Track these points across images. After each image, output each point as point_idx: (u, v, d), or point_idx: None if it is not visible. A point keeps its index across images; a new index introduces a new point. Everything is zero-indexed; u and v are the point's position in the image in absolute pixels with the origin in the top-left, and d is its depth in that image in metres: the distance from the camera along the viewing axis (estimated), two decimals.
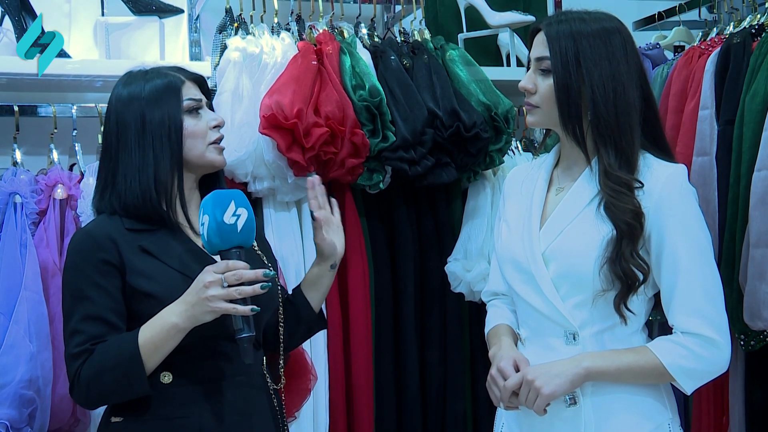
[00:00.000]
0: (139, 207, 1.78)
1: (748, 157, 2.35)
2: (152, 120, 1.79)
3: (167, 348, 1.69)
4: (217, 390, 1.76)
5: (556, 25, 1.76)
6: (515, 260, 1.81)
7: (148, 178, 1.77)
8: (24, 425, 2.25)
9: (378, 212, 2.68)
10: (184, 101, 1.82)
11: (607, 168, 1.72)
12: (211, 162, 1.86)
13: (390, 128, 2.53)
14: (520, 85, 1.81)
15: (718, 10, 2.90)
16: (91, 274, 1.72)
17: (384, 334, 2.63)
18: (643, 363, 1.70)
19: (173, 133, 1.79)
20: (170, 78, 1.84)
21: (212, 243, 1.67)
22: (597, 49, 1.73)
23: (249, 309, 1.65)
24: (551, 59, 1.75)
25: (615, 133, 1.72)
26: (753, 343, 2.41)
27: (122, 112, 1.81)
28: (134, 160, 1.79)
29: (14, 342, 2.26)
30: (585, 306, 1.74)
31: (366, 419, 2.57)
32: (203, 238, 1.69)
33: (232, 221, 1.65)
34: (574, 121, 1.75)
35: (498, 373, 1.75)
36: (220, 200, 1.67)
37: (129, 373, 1.68)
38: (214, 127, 1.87)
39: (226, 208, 1.65)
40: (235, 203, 1.67)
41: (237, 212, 1.66)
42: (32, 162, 2.56)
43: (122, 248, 1.74)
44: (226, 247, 1.67)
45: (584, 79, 1.72)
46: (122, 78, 1.88)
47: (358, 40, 2.70)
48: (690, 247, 1.70)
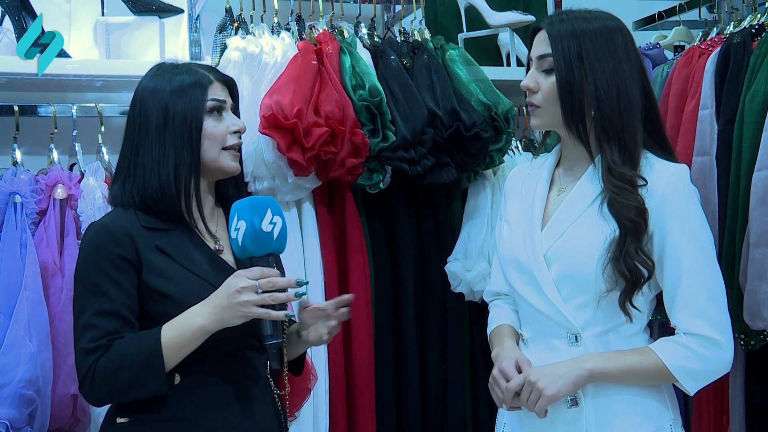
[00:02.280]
0: (158, 201, 1.76)
1: (748, 156, 2.35)
2: (174, 114, 1.77)
3: (189, 349, 1.68)
4: (223, 393, 1.76)
5: (558, 24, 1.76)
6: (517, 261, 1.81)
7: (168, 172, 1.76)
8: (24, 425, 2.25)
9: (378, 212, 2.68)
10: (208, 101, 1.80)
11: (611, 165, 1.72)
12: (223, 167, 1.83)
13: (390, 128, 2.53)
14: (522, 84, 1.81)
15: (718, 9, 2.90)
16: (106, 269, 1.71)
17: (384, 334, 2.63)
18: (646, 364, 1.70)
19: (194, 130, 1.78)
20: (198, 76, 1.82)
21: (246, 249, 1.69)
22: (599, 47, 1.73)
23: (283, 314, 1.66)
24: (554, 57, 1.74)
25: (618, 130, 1.72)
26: (753, 343, 2.41)
27: (146, 103, 1.80)
28: (155, 152, 1.77)
29: (14, 342, 2.26)
30: (588, 307, 1.73)
31: (366, 419, 2.57)
32: (236, 242, 1.70)
33: (268, 229, 1.67)
34: (578, 119, 1.74)
35: (500, 374, 1.75)
36: (258, 207, 1.69)
37: (147, 372, 1.66)
38: (235, 132, 1.84)
39: (263, 216, 1.68)
40: (272, 211, 1.69)
41: (273, 220, 1.68)
42: (32, 162, 2.56)
43: (139, 246, 1.73)
44: (261, 254, 1.69)
45: (587, 76, 1.72)
46: (152, 68, 1.86)
47: (358, 40, 2.70)
48: (692, 247, 1.70)
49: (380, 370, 2.61)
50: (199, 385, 1.74)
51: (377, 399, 2.60)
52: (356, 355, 2.56)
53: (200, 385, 1.74)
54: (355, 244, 2.56)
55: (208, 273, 1.75)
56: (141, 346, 1.67)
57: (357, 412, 2.57)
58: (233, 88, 1.90)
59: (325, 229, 2.56)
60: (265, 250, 1.69)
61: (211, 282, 1.75)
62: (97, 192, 2.39)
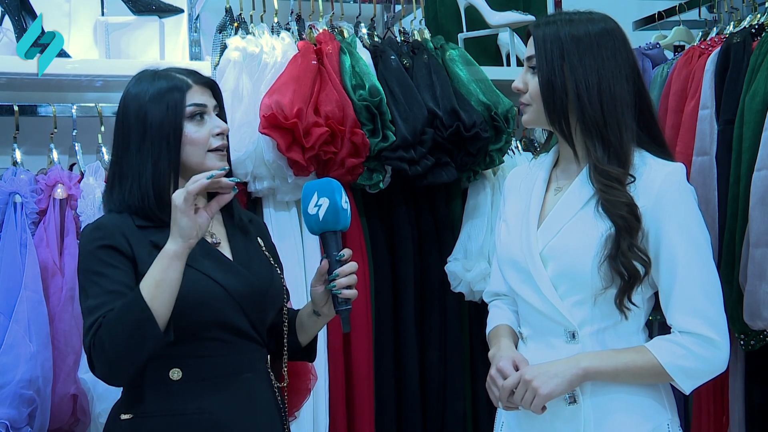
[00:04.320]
0: (140, 208, 1.78)
1: (748, 156, 2.35)
2: (152, 124, 1.78)
3: (168, 281, 1.65)
4: (225, 386, 1.77)
5: (543, 27, 1.79)
6: (514, 260, 1.82)
7: (147, 182, 1.77)
8: (24, 425, 2.25)
9: (378, 212, 2.68)
10: (187, 107, 1.80)
11: (596, 163, 1.74)
12: (209, 169, 1.82)
13: (390, 128, 2.53)
14: (513, 85, 1.85)
15: (718, 9, 2.90)
16: (102, 257, 1.72)
17: (384, 334, 2.63)
18: (642, 363, 1.70)
19: (172, 138, 1.78)
20: (175, 82, 1.82)
21: (328, 222, 1.78)
22: (582, 48, 1.75)
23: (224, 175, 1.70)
24: (536, 58, 1.78)
25: (602, 128, 1.73)
26: (753, 343, 2.41)
27: (127, 112, 1.81)
28: (134, 162, 1.79)
29: (14, 342, 2.26)
30: (585, 304, 1.74)
31: (366, 419, 2.57)
32: (315, 217, 1.78)
33: (346, 207, 1.81)
34: (560, 117, 1.76)
35: (497, 373, 1.75)
36: (337, 187, 1.81)
37: (139, 319, 1.63)
38: (218, 134, 1.84)
39: (342, 195, 1.81)
40: (344, 193, 1.82)
41: (346, 200, 1.82)
42: (32, 162, 2.56)
43: (133, 243, 1.75)
44: (337, 228, 1.80)
45: (568, 75, 1.74)
46: (135, 76, 1.87)
47: (358, 40, 2.70)
48: (688, 246, 1.70)
49: (380, 370, 2.61)
50: (201, 380, 1.75)
51: (377, 399, 2.60)
52: (356, 355, 2.57)
53: (202, 379, 1.76)
54: (354, 244, 2.55)
55: (205, 266, 1.77)
56: (126, 300, 1.66)
57: (357, 412, 2.57)
58: (216, 90, 1.89)
59: None
60: (340, 225, 1.80)
61: (209, 274, 1.77)
62: (97, 192, 2.39)
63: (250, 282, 1.82)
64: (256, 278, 1.84)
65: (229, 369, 1.78)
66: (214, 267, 1.79)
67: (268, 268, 1.91)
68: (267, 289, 1.87)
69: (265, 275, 1.88)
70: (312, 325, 1.94)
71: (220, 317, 1.77)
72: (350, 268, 1.80)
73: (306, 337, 1.97)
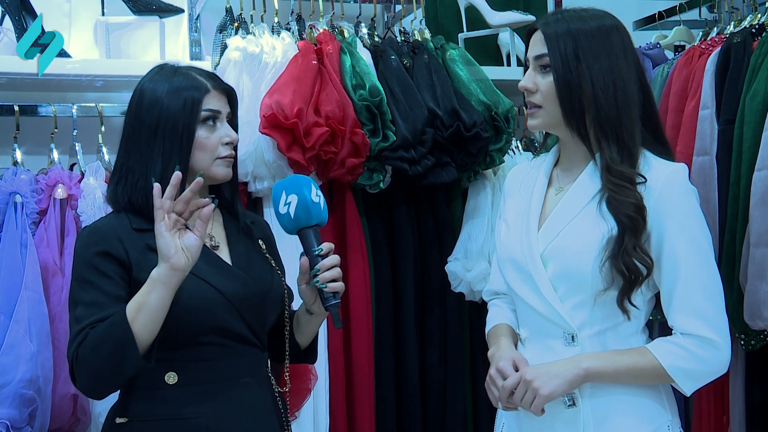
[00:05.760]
0: (143, 205, 1.76)
1: (748, 156, 2.35)
2: (167, 120, 1.76)
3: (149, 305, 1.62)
4: (222, 391, 1.75)
5: (554, 24, 1.76)
6: (514, 260, 1.81)
7: (156, 177, 1.74)
8: (24, 425, 2.25)
9: (378, 212, 2.68)
10: (202, 111, 1.79)
11: (610, 163, 1.72)
12: (214, 176, 1.82)
13: (390, 128, 2.53)
14: (520, 85, 1.80)
15: (718, 9, 2.90)
16: (96, 264, 1.71)
17: (384, 334, 2.63)
18: (643, 364, 1.70)
19: (185, 140, 1.77)
20: (195, 82, 1.80)
21: (300, 219, 1.77)
22: (595, 46, 1.73)
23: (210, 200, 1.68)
24: (550, 57, 1.74)
25: (617, 127, 1.72)
26: (753, 343, 2.41)
27: (141, 107, 1.79)
28: (144, 158, 1.77)
29: (14, 342, 2.26)
30: (584, 306, 1.73)
31: (366, 419, 2.57)
32: (287, 216, 1.77)
33: (317, 200, 1.78)
34: (578, 118, 1.74)
35: (497, 373, 1.75)
36: (304, 182, 1.79)
37: (120, 340, 1.61)
38: (227, 143, 1.82)
39: (311, 189, 1.79)
40: (314, 186, 1.80)
41: (318, 193, 1.80)
42: (32, 162, 2.56)
43: (128, 246, 1.73)
44: (311, 223, 1.78)
45: (584, 74, 1.72)
46: (154, 69, 1.85)
47: (358, 40, 2.70)
48: (690, 247, 1.69)
49: (380, 370, 2.61)
50: (197, 384, 1.74)
51: (377, 399, 2.60)
52: (356, 355, 2.56)
53: (199, 384, 1.74)
54: (355, 244, 2.56)
55: (203, 270, 1.74)
56: (110, 320, 1.64)
57: (357, 412, 2.57)
58: (232, 97, 1.88)
59: (325, 229, 2.56)
60: (315, 220, 1.78)
61: (207, 279, 1.75)
62: (97, 192, 2.39)
63: (249, 286, 1.80)
64: (256, 282, 1.82)
65: (227, 373, 1.76)
66: (212, 271, 1.77)
67: (268, 272, 1.89)
68: (267, 293, 1.85)
69: (265, 279, 1.86)
70: (307, 325, 1.93)
71: (217, 322, 1.75)
72: (332, 261, 1.77)
73: (304, 339, 1.95)
